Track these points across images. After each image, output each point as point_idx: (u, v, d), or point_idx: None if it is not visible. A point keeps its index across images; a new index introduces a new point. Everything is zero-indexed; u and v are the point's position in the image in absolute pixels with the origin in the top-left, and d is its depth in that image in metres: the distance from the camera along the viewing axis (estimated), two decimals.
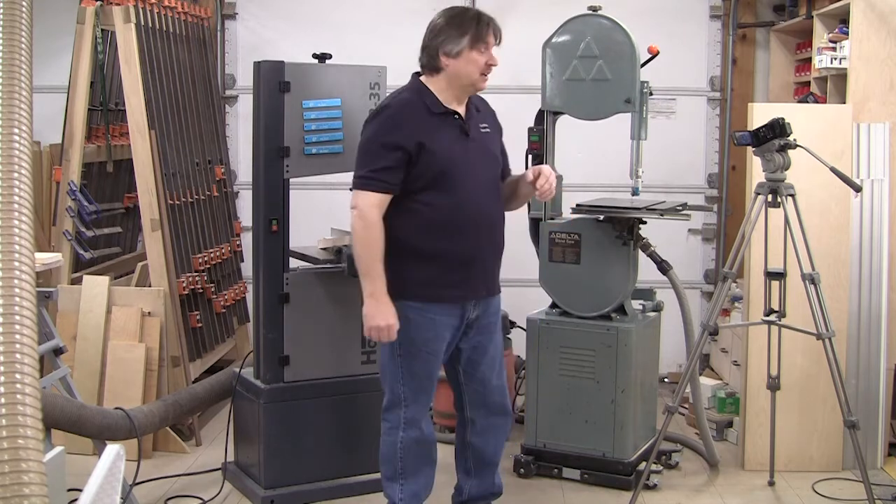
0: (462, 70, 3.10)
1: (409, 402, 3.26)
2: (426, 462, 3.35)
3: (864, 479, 3.58)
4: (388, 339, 3.13)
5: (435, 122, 3.12)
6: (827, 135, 4.12)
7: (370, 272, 3.09)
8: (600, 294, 4.00)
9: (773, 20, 5.59)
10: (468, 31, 3.08)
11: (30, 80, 1.91)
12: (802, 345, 4.02)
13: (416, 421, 3.28)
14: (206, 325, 4.78)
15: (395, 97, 3.19)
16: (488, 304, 3.32)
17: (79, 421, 3.39)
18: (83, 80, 4.46)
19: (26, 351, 1.63)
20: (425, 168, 3.09)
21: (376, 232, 3.07)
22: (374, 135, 3.13)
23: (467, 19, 3.11)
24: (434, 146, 3.08)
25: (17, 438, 1.54)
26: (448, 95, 3.16)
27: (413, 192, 3.11)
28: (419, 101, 3.14)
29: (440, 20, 3.15)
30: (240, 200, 5.65)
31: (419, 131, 3.08)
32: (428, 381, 3.29)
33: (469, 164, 3.15)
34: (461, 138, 3.16)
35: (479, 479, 3.46)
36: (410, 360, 3.22)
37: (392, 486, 3.32)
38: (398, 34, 5.51)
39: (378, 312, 3.10)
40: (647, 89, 3.93)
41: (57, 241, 4.52)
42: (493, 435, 3.42)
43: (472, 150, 3.17)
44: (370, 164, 3.09)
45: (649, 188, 4.46)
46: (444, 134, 3.13)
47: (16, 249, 1.72)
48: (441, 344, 3.24)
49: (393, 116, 3.11)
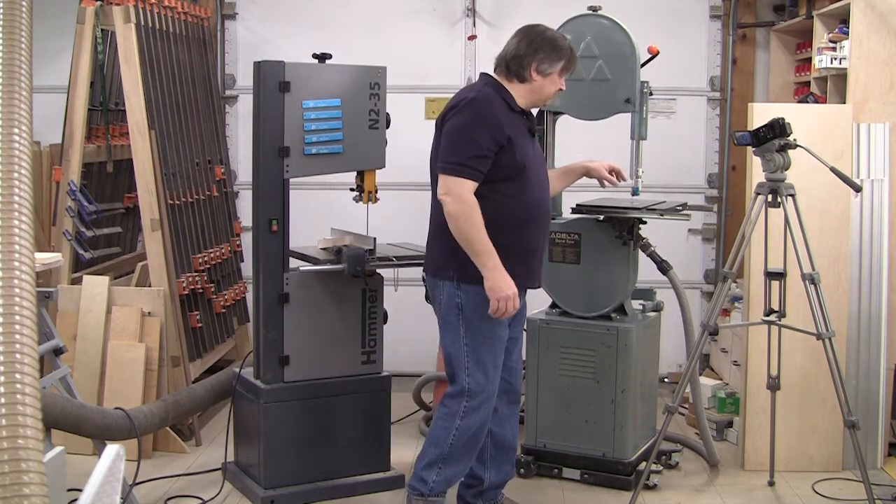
0: (545, 88, 3.33)
1: (475, 391, 3.33)
2: (472, 452, 3.45)
3: (864, 479, 3.58)
4: (514, 308, 3.20)
5: (513, 119, 3.30)
6: (827, 135, 4.12)
7: (484, 249, 3.17)
8: (600, 294, 4.00)
9: (773, 20, 5.59)
10: (563, 58, 3.31)
11: (30, 80, 1.91)
12: (802, 345, 4.02)
13: (479, 410, 3.35)
14: (206, 325, 4.78)
15: (480, 90, 3.30)
16: (524, 296, 3.49)
17: (79, 421, 3.39)
18: (83, 80, 4.46)
19: (26, 351, 1.63)
20: (509, 160, 3.24)
21: (477, 212, 3.17)
22: (467, 124, 3.22)
23: (565, 47, 3.32)
24: (517, 140, 3.26)
25: (17, 438, 1.54)
26: (519, 101, 3.34)
27: (494, 181, 3.24)
28: (500, 97, 3.30)
29: (540, 38, 3.31)
30: (240, 200, 5.65)
31: (507, 125, 3.24)
32: (493, 368, 3.38)
33: (536, 161, 3.37)
34: (529, 137, 3.38)
35: (498, 467, 3.61)
36: (477, 346, 3.32)
37: (430, 468, 3.41)
38: (398, 34, 5.53)
39: (503, 285, 3.17)
40: (647, 89, 3.93)
41: (57, 241, 4.52)
42: (510, 422, 3.58)
43: (536, 149, 3.42)
44: (464, 151, 3.19)
45: (649, 188, 4.46)
46: (519, 130, 3.31)
47: (16, 249, 1.72)
48: (504, 331, 3.38)
49: (485, 109, 3.23)
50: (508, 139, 3.21)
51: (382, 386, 4.00)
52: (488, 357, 3.33)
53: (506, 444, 3.59)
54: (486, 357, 3.33)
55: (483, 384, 3.33)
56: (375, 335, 3.98)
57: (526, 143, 3.33)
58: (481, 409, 3.36)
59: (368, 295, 3.95)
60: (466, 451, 3.42)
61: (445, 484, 3.47)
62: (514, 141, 3.23)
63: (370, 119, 3.88)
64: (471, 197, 3.16)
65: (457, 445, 3.38)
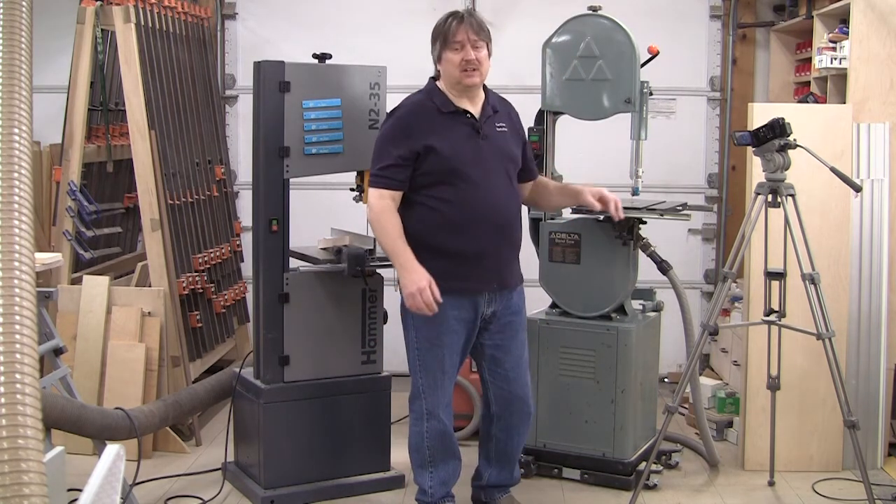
0: (446, 71, 3.30)
1: (426, 394, 3.41)
2: (451, 453, 3.48)
3: (864, 479, 3.58)
4: (428, 301, 3.16)
5: (445, 122, 3.28)
6: (827, 135, 4.12)
7: (394, 249, 3.22)
8: (600, 294, 4.00)
9: (773, 20, 5.59)
10: (438, 36, 3.28)
11: (30, 80, 1.91)
12: (802, 345, 4.02)
13: (433, 413, 3.41)
14: (206, 325, 4.78)
15: (408, 99, 3.38)
16: (506, 301, 3.41)
17: (79, 421, 3.39)
18: (83, 80, 4.46)
19: (26, 351, 1.63)
20: (433, 166, 3.24)
21: (385, 217, 3.22)
22: (383, 135, 3.34)
23: (438, 25, 3.31)
24: (442, 145, 3.24)
25: (17, 438, 1.54)
26: (454, 96, 3.31)
27: (423, 187, 3.26)
28: (429, 101, 3.32)
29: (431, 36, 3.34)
30: (240, 200, 5.65)
31: (427, 131, 3.24)
32: (441, 373, 3.38)
33: (480, 162, 3.27)
34: (472, 136, 3.29)
35: (499, 470, 3.62)
36: (424, 352, 3.37)
37: (422, 474, 3.48)
38: (398, 34, 5.53)
39: (409, 281, 3.18)
40: (647, 89, 3.93)
41: (57, 241, 4.52)
42: (516, 431, 3.56)
43: (484, 148, 3.31)
44: (378, 162, 3.29)
45: (649, 188, 4.46)
46: (454, 132, 3.27)
47: (16, 249, 1.72)
48: (453, 337, 3.34)
49: (402, 118, 3.30)
50: (425, 146, 3.21)
51: (382, 386, 4.00)
52: (435, 363, 3.36)
53: (508, 453, 3.59)
54: (433, 364, 3.36)
55: (430, 388, 3.38)
56: (375, 335, 3.98)
57: (462, 144, 3.26)
58: (436, 411, 3.40)
59: (368, 295, 3.95)
60: (444, 449, 3.45)
61: (443, 486, 3.48)
62: (436, 146, 3.22)
63: (370, 119, 3.88)
64: (378, 204, 3.23)
65: (434, 446, 3.43)
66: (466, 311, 3.34)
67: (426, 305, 3.16)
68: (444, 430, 3.43)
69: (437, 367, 3.37)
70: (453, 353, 3.38)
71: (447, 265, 3.26)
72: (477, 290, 3.32)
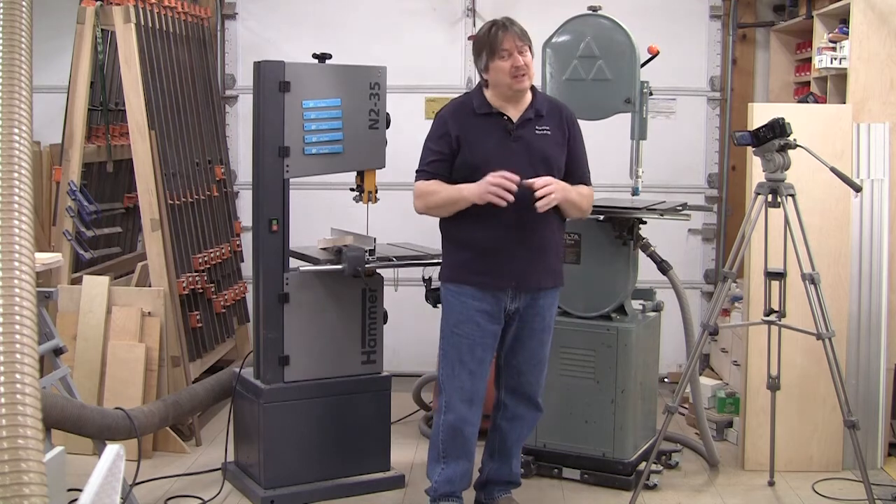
0: (495, 80, 3.36)
1: (444, 385, 3.46)
2: (461, 453, 3.48)
3: (864, 479, 3.58)
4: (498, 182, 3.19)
5: (478, 121, 3.38)
6: (827, 135, 4.12)
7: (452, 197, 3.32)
8: (600, 294, 4.00)
9: (773, 20, 5.59)
10: (484, 47, 3.35)
11: (30, 80, 1.91)
12: (802, 345, 4.02)
13: (449, 405, 3.43)
14: (206, 325, 4.78)
15: (452, 100, 3.53)
16: (532, 301, 3.43)
17: (79, 421, 3.39)
18: (83, 80, 4.46)
19: (26, 351, 1.63)
20: (462, 162, 3.36)
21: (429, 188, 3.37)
22: (427, 136, 3.47)
23: (481, 36, 3.39)
24: (471, 142, 3.35)
25: (17, 438, 1.54)
26: (497, 100, 3.39)
27: (456, 181, 3.35)
28: (468, 102, 3.44)
29: (473, 45, 3.46)
30: (240, 200, 5.65)
31: (459, 129, 3.36)
32: (457, 362, 3.41)
33: (508, 162, 3.30)
34: (504, 137, 3.37)
35: (499, 464, 3.63)
36: (444, 341, 3.45)
37: (434, 468, 3.53)
38: (398, 34, 5.53)
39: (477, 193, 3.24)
40: (647, 89, 3.93)
41: (57, 241, 4.51)
42: (519, 424, 3.59)
43: (515, 149, 3.36)
44: (422, 159, 3.45)
45: (649, 188, 4.46)
46: (484, 132, 3.37)
47: (16, 249, 1.71)
48: (473, 328, 3.38)
49: (441, 116, 3.45)
50: (457, 140, 3.35)
51: (382, 386, 4.00)
52: (454, 353, 3.42)
53: (507, 445, 3.60)
54: (452, 353, 3.42)
55: (447, 379, 3.43)
56: (375, 335, 3.98)
57: (488, 142, 3.34)
58: (453, 403, 3.42)
59: (368, 295, 3.95)
60: (456, 447, 3.46)
61: (448, 484, 3.49)
62: (464, 143, 3.34)
63: (370, 119, 3.88)
64: (420, 186, 3.39)
65: (447, 442, 3.46)
66: (489, 304, 3.37)
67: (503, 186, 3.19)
68: (457, 427, 3.43)
69: (456, 357, 3.40)
70: (475, 346, 3.39)
71: (469, 257, 3.38)
72: (495, 286, 3.37)
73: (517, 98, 3.38)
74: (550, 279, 3.46)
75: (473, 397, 3.43)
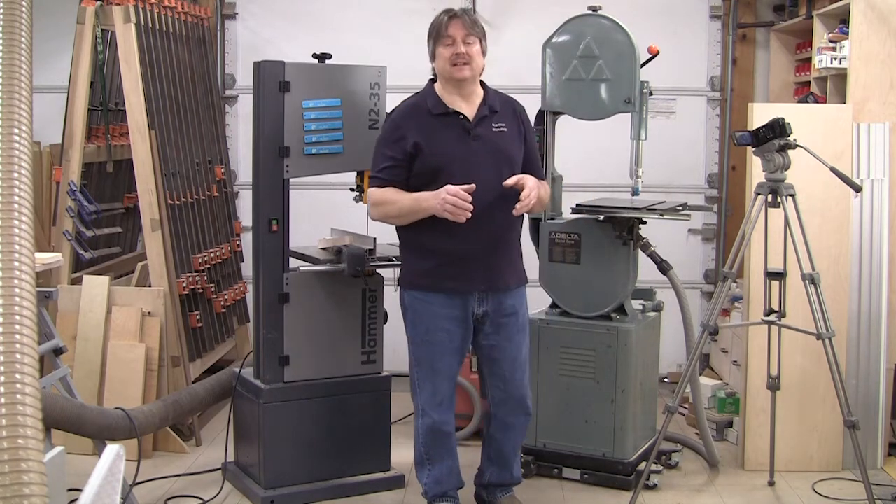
0: (438, 67, 3.34)
1: (419, 390, 3.46)
2: (444, 453, 3.49)
3: (864, 479, 3.58)
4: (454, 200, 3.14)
5: (434, 123, 3.31)
6: (827, 135, 4.12)
7: (406, 207, 3.27)
8: (600, 294, 4.00)
9: (773, 20, 5.59)
10: (432, 32, 3.33)
11: (30, 80, 1.91)
12: (802, 345, 4.02)
13: (425, 409, 3.44)
14: (206, 325, 4.78)
15: (403, 102, 3.44)
16: (499, 302, 3.40)
17: (79, 421, 3.39)
18: (83, 80, 4.46)
19: (26, 351, 1.63)
20: (421, 166, 3.29)
21: (384, 196, 3.30)
22: (379, 138, 3.44)
23: (432, 23, 3.35)
24: (429, 145, 3.27)
25: (17, 438, 1.54)
26: (449, 96, 3.34)
27: (414, 188, 3.29)
28: (422, 103, 3.36)
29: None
30: (240, 200, 5.64)
31: (415, 132, 3.29)
32: (429, 370, 3.41)
33: (470, 162, 3.27)
34: (463, 137, 3.30)
35: (499, 469, 3.64)
36: (415, 348, 3.44)
37: (420, 471, 3.54)
38: (398, 34, 5.52)
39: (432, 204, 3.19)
40: (647, 89, 3.93)
41: (57, 241, 4.52)
42: (512, 431, 3.57)
43: (476, 149, 3.30)
44: (375, 166, 3.38)
45: (649, 188, 4.46)
46: (442, 133, 3.29)
47: (16, 249, 1.71)
48: (442, 335, 3.36)
49: (394, 120, 3.39)
50: (414, 145, 3.27)
51: (382, 386, 4.01)
52: (426, 360, 3.42)
53: (504, 453, 3.60)
54: (424, 361, 3.42)
55: (422, 384, 3.43)
56: (375, 335, 3.98)
57: (449, 144, 3.28)
58: (429, 407, 3.43)
59: (368, 295, 3.95)
60: (438, 447, 3.47)
61: (437, 485, 3.50)
62: (424, 147, 3.26)
63: (370, 119, 3.88)
64: (375, 193, 3.32)
65: (428, 444, 3.47)
66: (457, 310, 3.36)
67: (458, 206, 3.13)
68: (436, 428, 3.44)
69: (428, 364, 3.41)
70: (445, 352, 3.39)
71: (435, 264, 3.33)
72: (464, 290, 3.34)
73: (466, 93, 3.33)
74: (515, 277, 3.46)
75: (446, 399, 3.46)
